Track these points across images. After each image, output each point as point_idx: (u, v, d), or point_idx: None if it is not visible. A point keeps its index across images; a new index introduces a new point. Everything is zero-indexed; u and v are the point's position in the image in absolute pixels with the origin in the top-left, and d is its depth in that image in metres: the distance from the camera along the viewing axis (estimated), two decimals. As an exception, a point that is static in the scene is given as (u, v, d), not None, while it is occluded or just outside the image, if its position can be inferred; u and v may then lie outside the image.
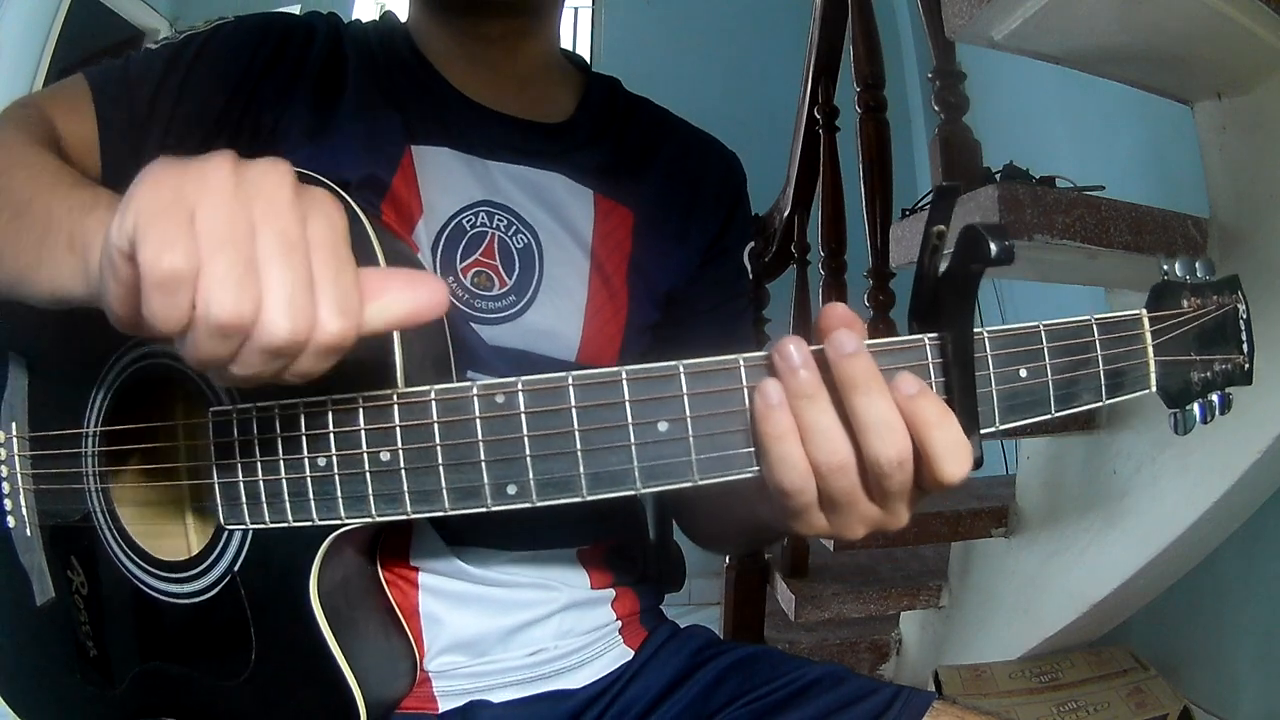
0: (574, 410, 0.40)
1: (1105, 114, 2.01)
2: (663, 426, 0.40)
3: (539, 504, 0.41)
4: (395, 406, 0.42)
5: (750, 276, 0.75)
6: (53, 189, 0.45)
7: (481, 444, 0.41)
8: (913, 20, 2.95)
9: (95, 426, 0.55)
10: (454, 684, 0.60)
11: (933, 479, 0.38)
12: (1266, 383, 1.07)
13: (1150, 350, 0.45)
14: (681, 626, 0.72)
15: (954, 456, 0.38)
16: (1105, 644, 1.50)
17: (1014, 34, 1.05)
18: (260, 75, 0.61)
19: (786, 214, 1.80)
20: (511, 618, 0.61)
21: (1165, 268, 0.47)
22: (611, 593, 0.67)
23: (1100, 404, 0.44)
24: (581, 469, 0.41)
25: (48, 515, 0.58)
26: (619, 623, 0.68)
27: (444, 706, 0.60)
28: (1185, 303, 0.46)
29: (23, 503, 0.59)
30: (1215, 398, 0.48)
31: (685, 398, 0.40)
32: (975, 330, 0.41)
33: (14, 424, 0.59)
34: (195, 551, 0.52)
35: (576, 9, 3.67)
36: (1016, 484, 1.56)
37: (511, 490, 0.41)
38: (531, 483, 0.41)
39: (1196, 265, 0.48)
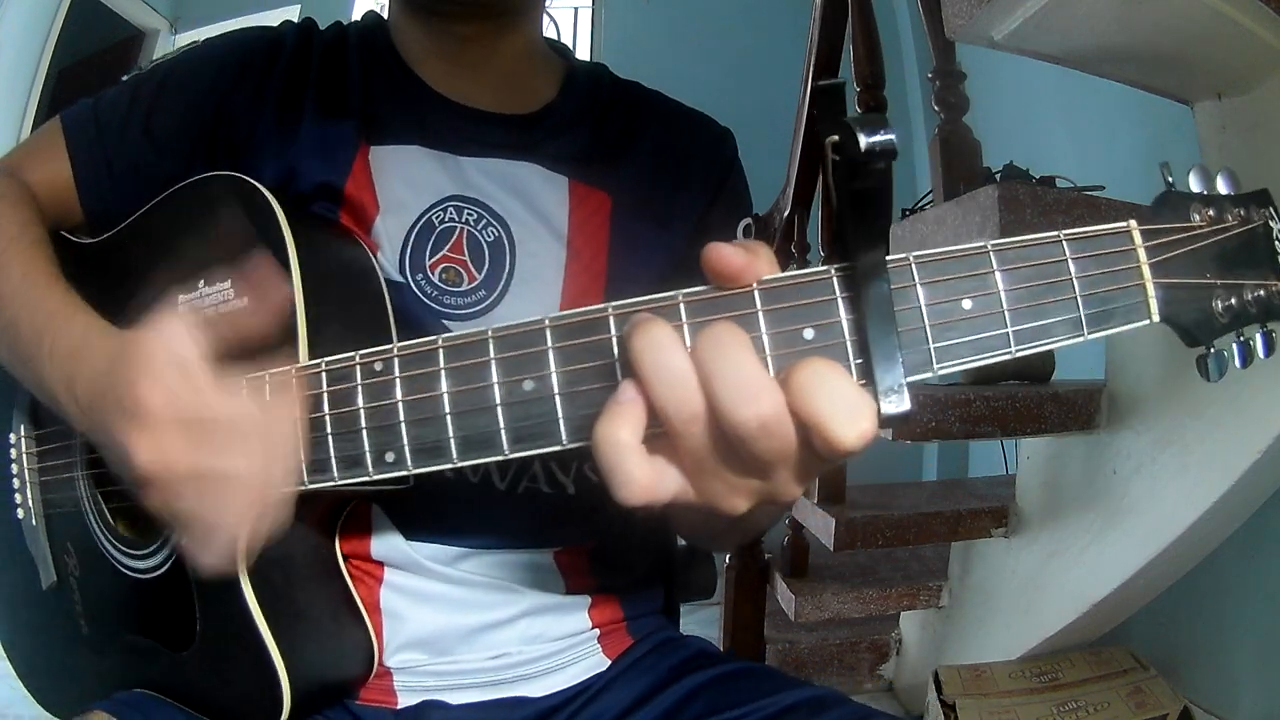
0: (443, 372, 0.40)
1: (1105, 114, 2.01)
2: (528, 385, 0.38)
3: (415, 471, 0.41)
4: (293, 379, 0.43)
5: None
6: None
7: (363, 411, 0.41)
8: (913, 20, 2.95)
9: None
10: (414, 681, 0.60)
11: (826, 446, 0.33)
12: (1266, 382, 1.07)
13: (1146, 271, 0.36)
14: (681, 629, 0.71)
15: (850, 418, 0.32)
16: (1105, 644, 1.50)
17: (1014, 34, 1.06)
18: (226, 95, 0.62)
19: (786, 214, 1.80)
20: (472, 618, 0.60)
21: (1169, 178, 0.39)
22: (587, 599, 0.65)
23: (1081, 338, 0.36)
24: (451, 433, 0.39)
25: (49, 505, 0.63)
26: (596, 631, 0.66)
27: (403, 702, 0.60)
28: (1196, 216, 0.38)
29: (29, 495, 0.64)
30: (1258, 336, 0.38)
31: (550, 352, 0.38)
32: (900, 256, 0.36)
33: (23, 426, 0.65)
34: (154, 528, 0.55)
35: (576, 9, 3.67)
36: (1016, 484, 1.56)
37: (389, 458, 0.41)
38: (406, 448, 0.40)
39: (1219, 177, 0.39)
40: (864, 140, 0.32)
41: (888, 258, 0.35)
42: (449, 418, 0.39)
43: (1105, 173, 1.65)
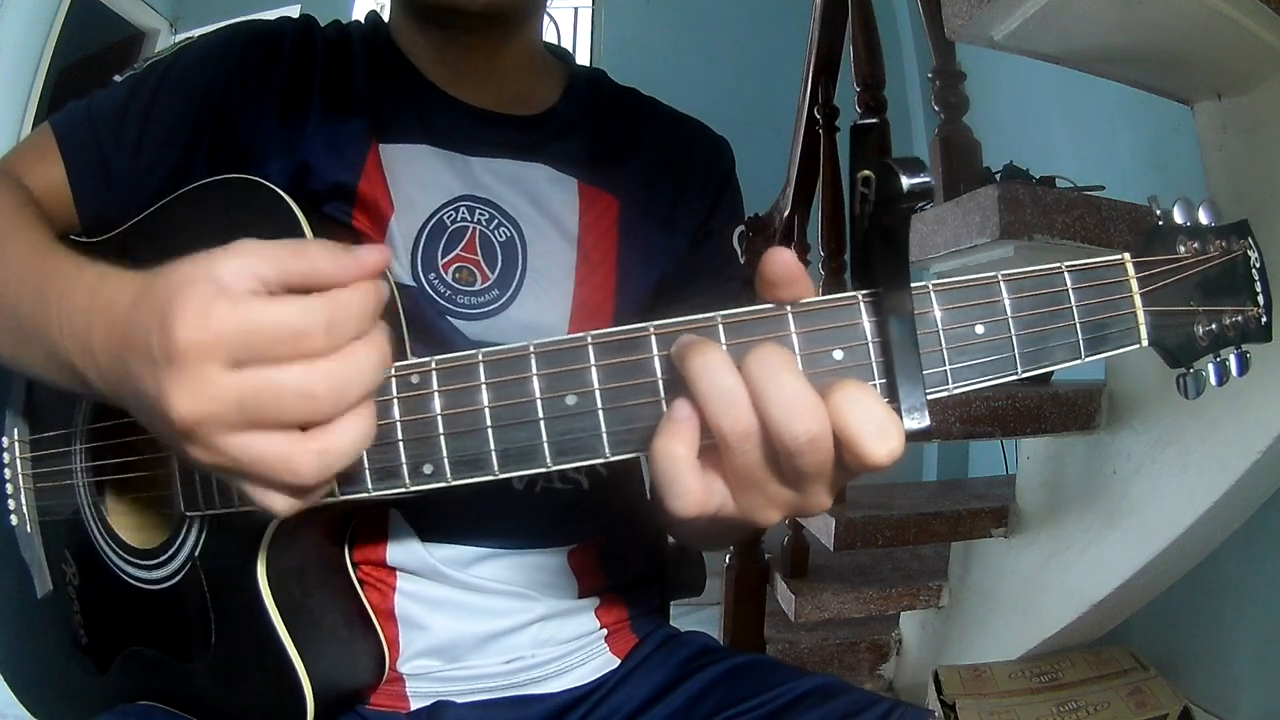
0: (484, 387, 0.40)
1: (1105, 114, 2.01)
2: (570, 400, 0.39)
3: (454, 483, 0.41)
4: None
5: (742, 261, 0.74)
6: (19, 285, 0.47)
7: (399, 424, 0.41)
8: (913, 20, 2.95)
9: (83, 426, 0.57)
10: (427, 686, 0.60)
11: (857, 462, 0.36)
12: (1266, 382, 1.07)
13: (1137, 299, 0.41)
14: (682, 628, 0.71)
15: (880, 436, 0.35)
16: (1105, 644, 1.50)
17: (1014, 34, 1.05)
18: (227, 92, 0.61)
19: (786, 214, 1.80)
20: (488, 625, 0.61)
21: (1159, 211, 0.42)
22: (596, 600, 0.66)
23: (1079, 360, 0.40)
24: (492, 445, 0.40)
25: (45, 512, 0.61)
26: (604, 630, 0.66)
27: (415, 706, 0.60)
28: (1182, 247, 0.42)
29: (24, 502, 0.62)
30: (1232, 357, 0.42)
31: (593, 369, 0.39)
32: (920, 283, 0.39)
33: (16, 430, 0.62)
34: (164, 539, 0.54)
35: (576, 9, 3.67)
36: (1016, 484, 1.56)
37: (427, 470, 0.41)
38: (445, 461, 0.41)
39: (1200, 209, 0.42)
40: (906, 182, 0.34)
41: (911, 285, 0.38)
42: (490, 431, 0.40)
43: (1105, 173, 1.65)
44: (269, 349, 0.34)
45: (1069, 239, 1.20)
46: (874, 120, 0.37)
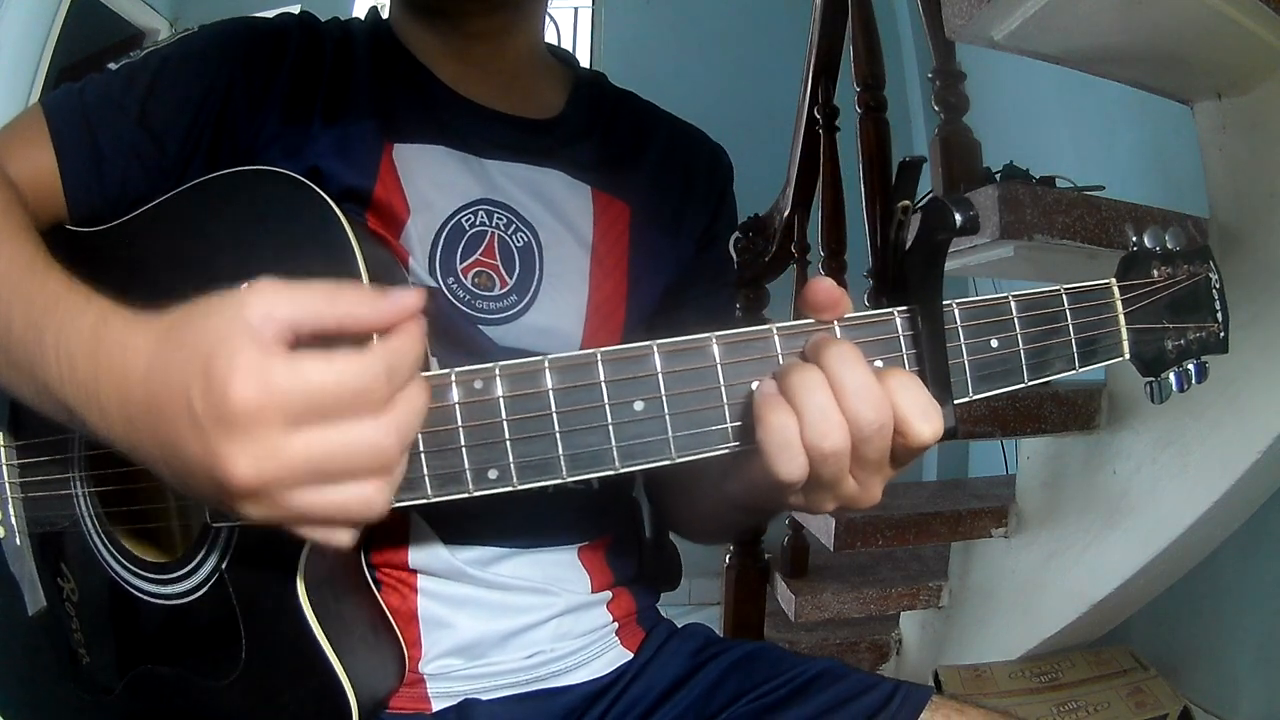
0: (551, 393, 0.41)
1: (1105, 114, 2.01)
2: (638, 405, 0.41)
3: (520, 487, 0.42)
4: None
5: (736, 266, 0.76)
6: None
7: (461, 429, 0.41)
8: (913, 20, 2.94)
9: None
10: (448, 686, 0.60)
11: (906, 444, 0.40)
12: (1266, 382, 1.07)
13: (1122, 318, 0.47)
14: (680, 626, 0.72)
15: (925, 417, 0.40)
16: (1105, 644, 1.50)
17: (1014, 34, 1.06)
18: (229, 92, 0.59)
19: (786, 214, 1.79)
20: (510, 621, 0.61)
21: (1134, 238, 0.49)
22: (608, 594, 0.67)
23: (1074, 371, 0.46)
24: (560, 450, 0.41)
25: (36, 523, 0.58)
26: (615, 624, 0.68)
27: (437, 707, 0.60)
28: (1156, 272, 0.48)
29: (11, 512, 0.59)
30: (1191, 366, 0.49)
31: (660, 376, 0.41)
32: (945, 303, 0.43)
33: (0, 436, 0.58)
34: (183, 552, 0.52)
35: (576, 9, 3.67)
36: (1016, 484, 1.56)
37: (493, 475, 0.42)
38: (512, 466, 0.41)
39: (1166, 236, 0.49)
40: (959, 217, 0.39)
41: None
42: (558, 436, 0.41)
43: (1105, 173, 1.65)
44: (334, 409, 0.34)
45: (1069, 239, 1.20)
46: (921, 156, 0.39)
